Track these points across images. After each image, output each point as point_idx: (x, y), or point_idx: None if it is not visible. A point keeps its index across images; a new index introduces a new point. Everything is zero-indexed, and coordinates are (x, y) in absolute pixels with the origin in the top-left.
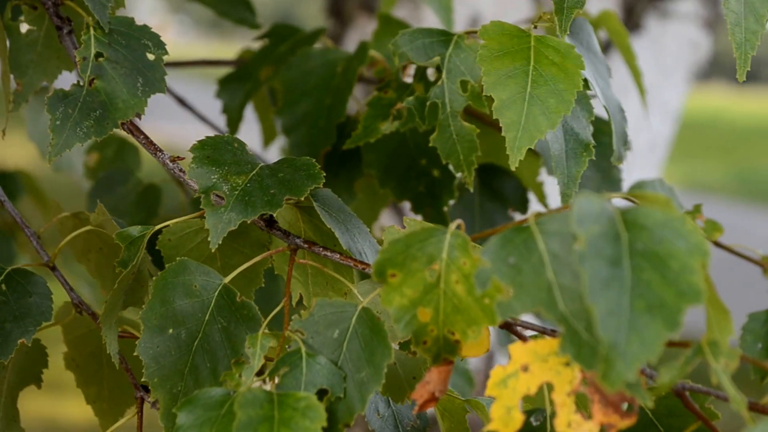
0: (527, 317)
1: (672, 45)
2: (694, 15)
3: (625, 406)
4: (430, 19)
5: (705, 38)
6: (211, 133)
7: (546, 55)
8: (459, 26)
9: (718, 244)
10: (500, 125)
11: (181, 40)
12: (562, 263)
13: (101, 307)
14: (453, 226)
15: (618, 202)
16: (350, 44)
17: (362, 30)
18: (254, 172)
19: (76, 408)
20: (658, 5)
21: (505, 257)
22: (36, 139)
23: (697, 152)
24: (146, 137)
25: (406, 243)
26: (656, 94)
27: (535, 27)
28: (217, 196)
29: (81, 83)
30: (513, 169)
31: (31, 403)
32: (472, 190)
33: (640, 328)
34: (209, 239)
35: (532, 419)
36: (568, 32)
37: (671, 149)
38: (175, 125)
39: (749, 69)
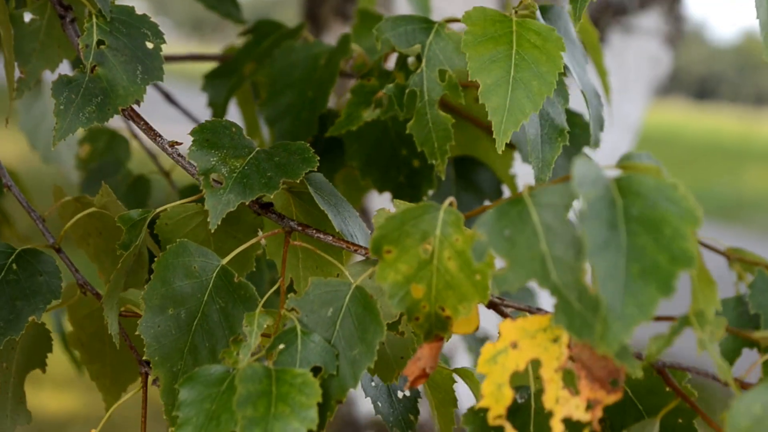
0: None
1: (633, 60)
2: (656, 31)
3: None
4: None
5: (666, 54)
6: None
7: (528, 39)
8: None
9: None
10: (486, 109)
11: None
12: (555, 235)
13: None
14: (446, 203)
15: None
16: None
17: (337, 35)
18: (251, 155)
19: (55, 402)
20: (621, 20)
21: (500, 230)
22: (27, 130)
23: None
24: (146, 123)
25: (401, 219)
26: (616, 109)
27: (516, 12)
28: (215, 181)
29: (84, 69)
30: (499, 152)
31: None
32: (444, 177)
33: (635, 291)
34: (209, 220)
35: (517, 397)
36: (550, 20)
37: None
38: (158, 124)
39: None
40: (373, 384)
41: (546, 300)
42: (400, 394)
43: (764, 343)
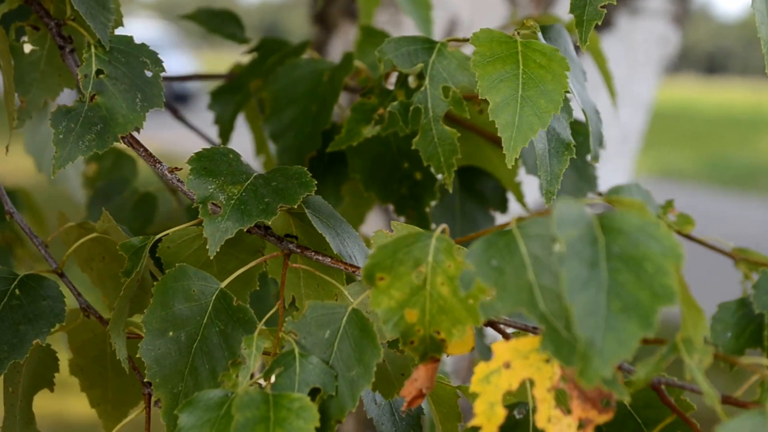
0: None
1: (642, 40)
2: (662, 11)
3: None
4: (410, 22)
5: (674, 33)
6: (201, 140)
7: (533, 59)
8: (438, 28)
9: (690, 237)
10: (495, 126)
11: None
12: (543, 265)
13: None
14: (438, 230)
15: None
16: (335, 50)
17: (345, 36)
18: (249, 181)
19: (83, 405)
20: (628, 3)
21: (488, 260)
22: (33, 152)
23: (669, 141)
24: (145, 150)
25: (393, 247)
26: (628, 88)
27: (518, 33)
28: (214, 205)
29: (83, 99)
30: (509, 167)
31: (39, 401)
32: (451, 190)
33: (616, 327)
34: (207, 247)
35: (515, 413)
36: (551, 38)
37: (643, 140)
38: (167, 132)
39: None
40: (375, 404)
41: None
42: (402, 412)
43: (752, 369)
